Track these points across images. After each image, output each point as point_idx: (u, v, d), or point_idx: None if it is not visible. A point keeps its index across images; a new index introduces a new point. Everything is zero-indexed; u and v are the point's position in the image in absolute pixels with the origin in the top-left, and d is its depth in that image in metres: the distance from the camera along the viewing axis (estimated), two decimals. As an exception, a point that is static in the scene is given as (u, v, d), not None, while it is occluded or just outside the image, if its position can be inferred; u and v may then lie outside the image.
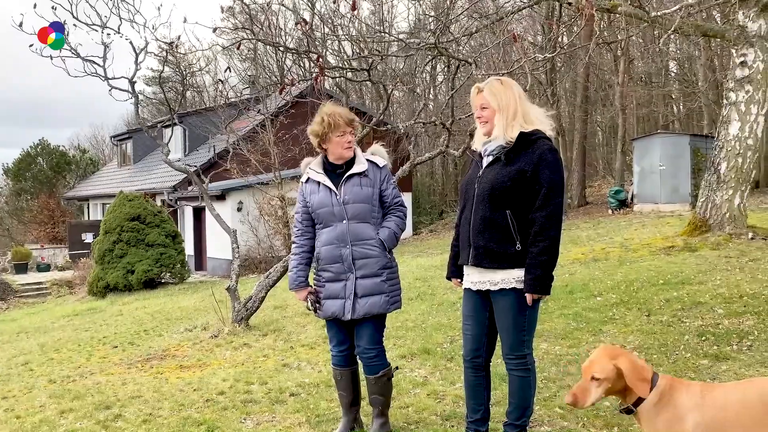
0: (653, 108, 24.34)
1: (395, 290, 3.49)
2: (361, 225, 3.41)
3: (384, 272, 3.43)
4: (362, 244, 3.40)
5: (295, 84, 6.25)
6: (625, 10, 7.88)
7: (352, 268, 3.41)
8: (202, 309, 10.10)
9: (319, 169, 3.53)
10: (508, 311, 2.91)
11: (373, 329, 3.45)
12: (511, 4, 10.85)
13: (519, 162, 2.87)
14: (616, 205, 18.14)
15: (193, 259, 19.65)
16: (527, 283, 2.82)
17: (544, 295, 2.85)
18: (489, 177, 2.94)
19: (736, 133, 8.53)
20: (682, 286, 6.23)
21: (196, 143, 22.86)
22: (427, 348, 5.16)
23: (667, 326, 5.04)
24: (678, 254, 8.30)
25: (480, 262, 2.93)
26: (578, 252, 10.12)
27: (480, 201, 2.95)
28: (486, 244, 2.91)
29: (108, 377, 6.01)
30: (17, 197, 32.71)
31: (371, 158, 3.51)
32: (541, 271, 2.78)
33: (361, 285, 3.40)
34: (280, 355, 5.80)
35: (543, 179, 2.81)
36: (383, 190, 3.48)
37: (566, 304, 6.18)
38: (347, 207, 3.40)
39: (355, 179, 3.42)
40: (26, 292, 18.50)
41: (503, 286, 2.90)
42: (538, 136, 2.90)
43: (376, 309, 3.40)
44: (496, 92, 2.96)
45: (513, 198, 2.87)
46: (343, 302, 3.42)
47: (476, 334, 3.04)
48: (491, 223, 2.90)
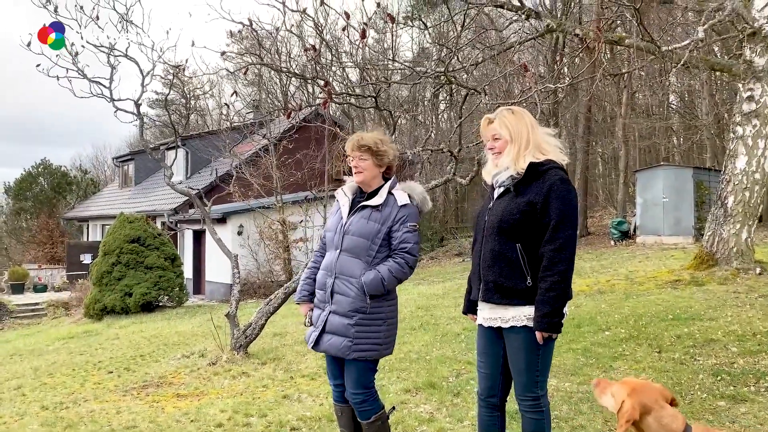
0: (655, 140, 24.40)
1: (365, 338, 3.18)
2: (350, 259, 3.24)
3: (355, 316, 3.18)
4: (344, 279, 3.23)
5: (302, 109, 6.19)
6: (634, 42, 7.88)
7: (329, 300, 3.27)
8: (199, 334, 9.92)
9: (350, 193, 3.41)
10: (519, 350, 2.78)
11: (358, 372, 3.24)
12: (516, 35, 10.90)
13: (529, 193, 2.76)
14: (618, 236, 18.05)
15: (191, 282, 19.47)
16: (535, 320, 2.69)
17: (554, 334, 2.71)
18: (499, 209, 2.84)
19: (743, 167, 8.47)
20: (693, 321, 6.10)
21: (198, 166, 22.85)
22: (432, 382, 5.01)
23: (679, 364, 4.90)
24: (685, 288, 8.17)
25: (490, 297, 2.81)
26: (583, 284, 9.99)
27: (489, 234, 2.84)
28: (496, 278, 2.78)
29: (102, 405, 5.84)
30: (17, 216, 32.60)
31: (396, 194, 3.29)
32: (550, 307, 2.64)
33: (330, 321, 3.24)
34: (280, 386, 5.64)
35: (552, 211, 2.68)
36: (393, 231, 3.22)
37: (574, 338, 6.05)
38: (345, 237, 3.27)
39: (366, 211, 3.28)
40: (22, 313, 18.27)
41: (514, 323, 2.77)
42: (549, 166, 2.78)
43: (334, 350, 3.21)
44: (509, 122, 2.87)
45: (523, 231, 2.75)
46: (312, 331, 3.32)
47: (490, 373, 2.91)
48: (501, 257, 2.77)
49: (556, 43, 18.33)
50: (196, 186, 20.49)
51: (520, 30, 12.42)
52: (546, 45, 13.64)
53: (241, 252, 17.20)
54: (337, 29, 5.66)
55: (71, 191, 32.66)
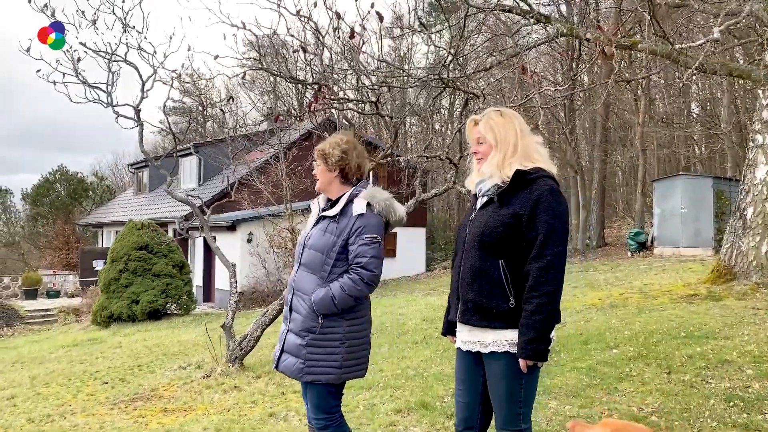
0: (674, 149, 23.88)
1: (317, 360, 2.93)
2: (306, 275, 3.01)
3: (306, 336, 2.95)
4: (299, 296, 3.03)
5: (281, 118, 5.98)
6: (647, 47, 7.57)
7: (289, 317, 3.07)
8: (201, 344, 9.74)
9: (322, 202, 3.16)
10: (500, 378, 2.49)
11: (317, 397, 2.99)
12: (529, 39, 10.63)
13: (515, 204, 2.48)
14: (635, 247, 17.61)
15: (201, 290, 19.38)
16: (519, 346, 2.41)
17: (539, 362, 2.42)
18: (481, 221, 2.57)
19: (763, 177, 8.10)
20: (707, 340, 5.75)
21: (210, 173, 22.81)
22: (425, 402, 4.74)
23: (689, 387, 4.58)
24: (701, 303, 7.81)
25: (468, 318, 2.53)
26: (595, 297, 9.65)
27: (470, 248, 2.56)
28: (475, 298, 2.50)
29: (87, 419, 5.66)
30: (34, 222, 32.91)
31: (354, 202, 3.01)
32: (535, 332, 2.35)
33: (288, 339, 3.04)
34: (270, 402, 5.41)
35: (540, 225, 2.40)
36: (350, 243, 2.93)
37: (579, 356, 5.74)
38: (304, 251, 3.05)
39: (325, 222, 3.03)
40: (33, 319, 18.29)
41: (494, 348, 2.48)
42: (538, 175, 2.50)
43: (289, 371, 3.00)
44: (494, 125, 2.60)
45: (507, 246, 2.47)
46: (277, 349, 3.12)
47: (468, 402, 2.63)
48: (482, 274, 2.49)
49: (572, 49, 18.00)
50: (209, 193, 20.46)
51: (529, 35, 12.14)
52: (560, 51, 13.38)
53: (250, 260, 17.07)
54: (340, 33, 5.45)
55: (87, 197, 32.90)
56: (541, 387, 4.87)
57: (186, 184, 23.37)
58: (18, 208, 34.67)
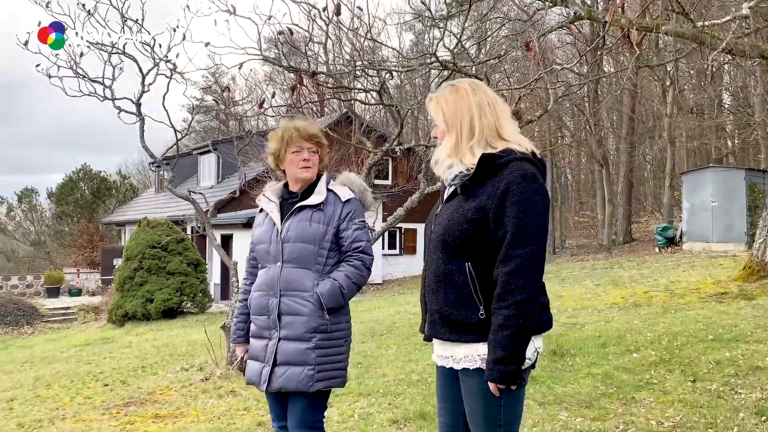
0: (704, 141, 23.03)
1: (328, 363, 2.67)
2: (297, 271, 2.68)
3: (314, 337, 2.65)
4: (293, 296, 2.67)
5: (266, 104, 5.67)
6: (671, 28, 7.08)
7: (277, 324, 2.68)
8: (210, 344, 9.52)
9: (274, 197, 2.85)
10: (475, 399, 2.09)
11: (304, 409, 2.66)
12: (546, 27, 10.16)
13: (481, 196, 2.04)
14: (663, 243, 16.96)
15: (219, 287, 19.26)
16: (487, 366, 2.00)
17: (511, 385, 1.99)
18: (444, 217, 2.15)
19: (799, 166, 7.54)
20: (737, 344, 5.28)
21: (229, 171, 22.68)
22: (424, 412, 4.37)
23: (716, 397, 4.13)
24: (731, 303, 7.30)
25: (436, 331, 2.14)
26: (618, 295, 9.16)
27: (434, 249, 2.16)
28: (440, 308, 2.10)
29: (76, 425, 5.43)
30: (59, 221, 33.30)
31: (335, 188, 2.79)
32: (503, 351, 1.94)
33: (282, 349, 2.65)
34: (262, 410, 5.09)
35: (508, 220, 1.97)
36: (341, 230, 2.72)
37: (596, 361, 5.31)
38: (285, 246, 2.70)
39: (306, 212, 2.72)
40: (53, 317, 18.37)
41: (467, 365, 2.08)
42: (509, 158, 2.03)
43: (293, 384, 2.62)
44: (445, 104, 2.16)
45: (473, 246, 2.05)
46: (261, 367, 2.70)
47: (449, 422, 2.25)
48: (446, 280, 2.09)
49: (596, 36, 17.39)
50: (227, 191, 20.33)
51: (546, 22, 11.63)
52: (578, 36, 12.85)
53: (266, 257, 16.85)
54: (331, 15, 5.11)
55: (111, 196, 33.17)
56: (551, 396, 4.47)
57: (205, 182, 23.31)
58: (44, 207, 35.15)
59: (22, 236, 35.12)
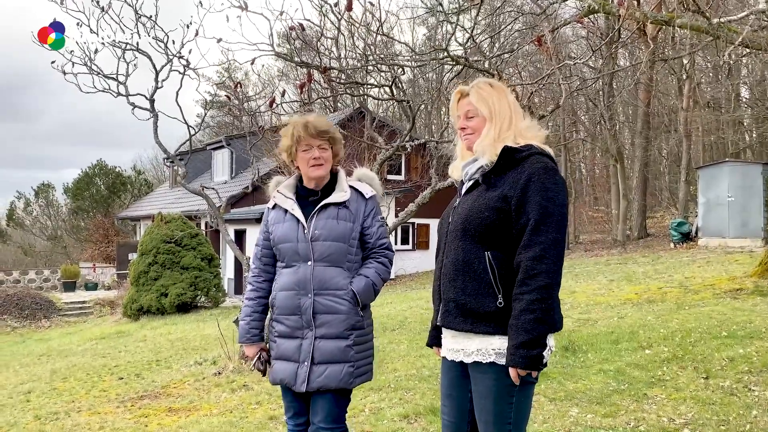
0: (721, 135, 22.75)
1: (364, 359, 2.72)
2: (330, 269, 2.68)
3: (352, 335, 2.67)
4: (328, 295, 2.67)
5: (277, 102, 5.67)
6: (685, 22, 6.99)
7: (312, 324, 2.67)
8: (223, 338, 9.60)
9: (290, 194, 2.83)
10: (486, 395, 2.10)
11: (333, 403, 2.66)
12: (558, 21, 10.07)
13: (503, 186, 2.11)
14: (678, 238, 16.80)
15: (233, 282, 19.39)
16: (509, 352, 2.02)
17: (534, 371, 2.02)
18: (464, 207, 2.20)
19: (817, 161, 7.43)
20: (751, 341, 5.23)
21: (243, 166, 22.77)
22: (435, 407, 4.37)
23: (729, 395, 4.10)
24: (747, 299, 7.23)
25: (450, 321, 2.16)
26: (631, 291, 9.11)
27: (452, 239, 2.19)
28: (457, 296, 2.13)
29: (90, 417, 5.50)
30: (75, 216, 33.66)
31: (356, 185, 2.79)
32: (526, 335, 1.96)
33: (321, 348, 2.65)
34: (274, 404, 5.14)
35: (531, 208, 2.04)
36: (366, 227, 2.76)
37: (608, 357, 5.29)
38: (315, 245, 2.68)
39: (332, 210, 2.71)
40: (69, 311, 18.58)
41: (479, 358, 2.10)
42: (530, 152, 2.13)
43: (335, 383, 2.62)
44: (488, 96, 2.22)
45: (495, 234, 2.10)
46: (295, 368, 2.68)
47: (455, 421, 2.25)
48: (465, 269, 2.12)
49: (611, 30, 17.22)
50: (240, 186, 20.42)
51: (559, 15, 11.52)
52: (591, 29, 12.75)
53: (279, 252, 16.93)
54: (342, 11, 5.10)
55: (125, 191, 33.47)
56: (562, 392, 4.47)
57: (218, 177, 23.42)
58: (60, 203, 35.55)
59: (39, 231, 35.57)
